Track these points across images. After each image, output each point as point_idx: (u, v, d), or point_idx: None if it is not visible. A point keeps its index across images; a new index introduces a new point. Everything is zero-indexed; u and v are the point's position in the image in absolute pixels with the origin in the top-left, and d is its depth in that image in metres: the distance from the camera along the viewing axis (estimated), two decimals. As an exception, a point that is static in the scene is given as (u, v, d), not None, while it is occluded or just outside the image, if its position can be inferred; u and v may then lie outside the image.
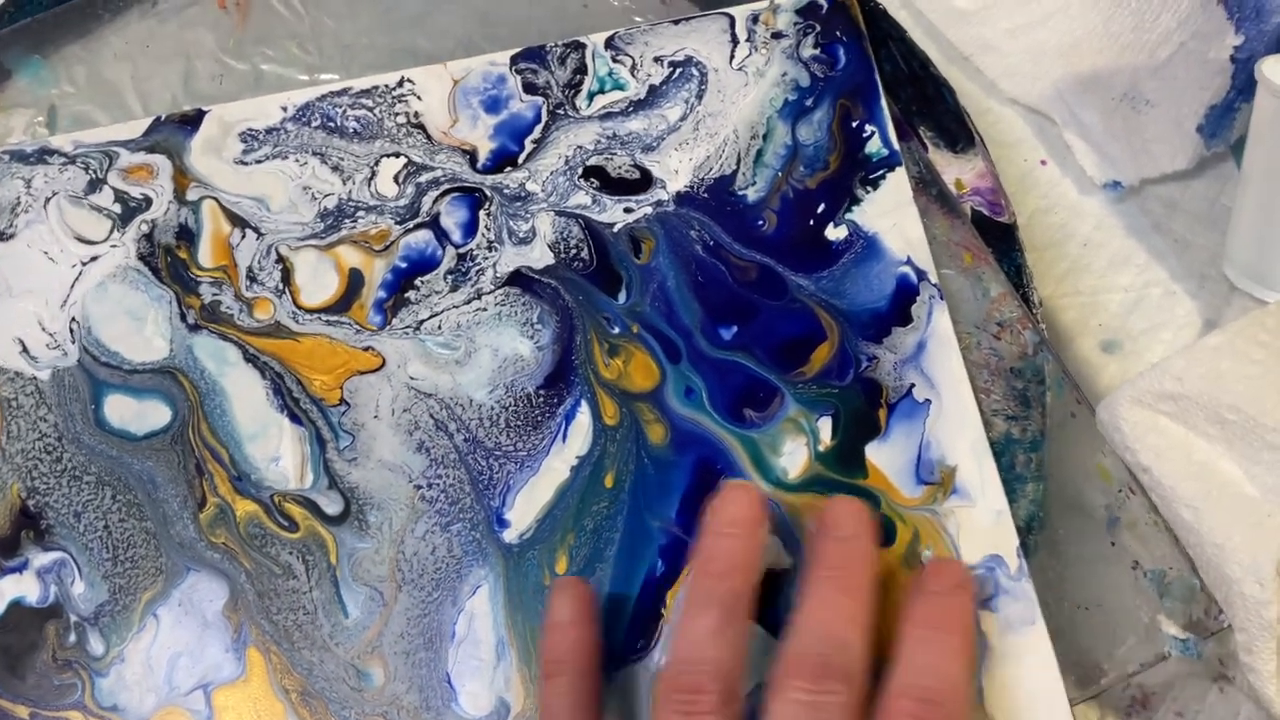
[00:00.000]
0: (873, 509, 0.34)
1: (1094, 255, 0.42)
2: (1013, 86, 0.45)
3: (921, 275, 0.37)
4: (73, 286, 0.39)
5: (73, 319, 0.39)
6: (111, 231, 0.40)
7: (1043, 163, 0.44)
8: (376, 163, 0.40)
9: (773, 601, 0.32)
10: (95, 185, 0.40)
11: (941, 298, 0.37)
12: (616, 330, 0.37)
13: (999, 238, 0.38)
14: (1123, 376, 0.40)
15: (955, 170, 0.39)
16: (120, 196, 0.40)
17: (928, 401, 0.36)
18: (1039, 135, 0.44)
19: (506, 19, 0.43)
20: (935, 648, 0.30)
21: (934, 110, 0.40)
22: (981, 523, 0.34)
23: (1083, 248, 0.43)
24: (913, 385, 0.36)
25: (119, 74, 0.43)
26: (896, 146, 0.39)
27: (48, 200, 0.40)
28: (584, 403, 0.37)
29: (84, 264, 0.39)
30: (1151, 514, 0.34)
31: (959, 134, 0.40)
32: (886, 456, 0.35)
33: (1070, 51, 0.45)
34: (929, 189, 0.38)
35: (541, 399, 0.37)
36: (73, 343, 0.38)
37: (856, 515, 0.32)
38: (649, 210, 0.39)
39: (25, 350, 0.38)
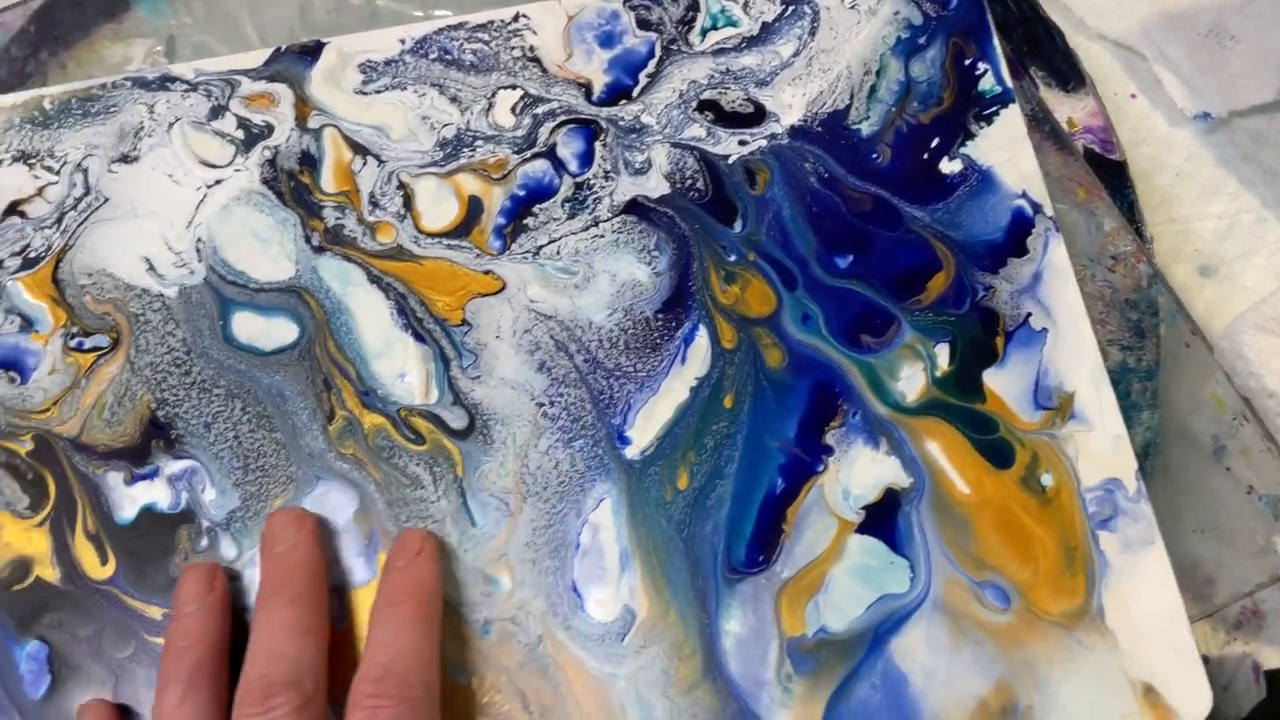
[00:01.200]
0: (307, 512, 0.35)
1: (1185, 185, 0.43)
2: (1100, 23, 0.45)
3: (1037, 208, 0.38)
4: (197, 208, 0.40)
5: (198, 239, 0.39)
6: (235, 156, 0.41)
7: (1133, 96, 0.45)
8: (493, 94, 0.41)
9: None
10: (217, 112, 0.41)
11: (1057, 229, 0.37)
12: (733, 258, 0.38)
13: (1111, 174, 0.39)
14: (1219, 299, 0.41)
15: (1067, 109, 0.40)
16: (243, 123, 0.41)
17: (1045, 330, 0.36)
18: (1128, 70, 0.45)
19: (617, -41, 0.44)
20: (389, 623, 0.32)
21: (1044, 51, 0.41)
22: (1100, 447, 0.35)
23: (1175, 178, 0.43)
24: (1029, 314, 0.37)
25: (236, 6, 0.44)
26: (1009, 83, 0.39)
27: (171, 125, 0.41)
28: (702, 326, 0.37)
29: (208, 187, 0.40)
30: (1266, 441, 0.35)
31: (1069, 74, 0.40)
32: (1004, 382, 0.36)
33: None
34: (1041, 126, 0.39)
35: (660, 323, 0.38)
36: (199, 261, 0.39)
37: (292, 524, 0.34)
38: (763, 143, 0.39)
39: (152, 268, 0.39)
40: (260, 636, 0.32)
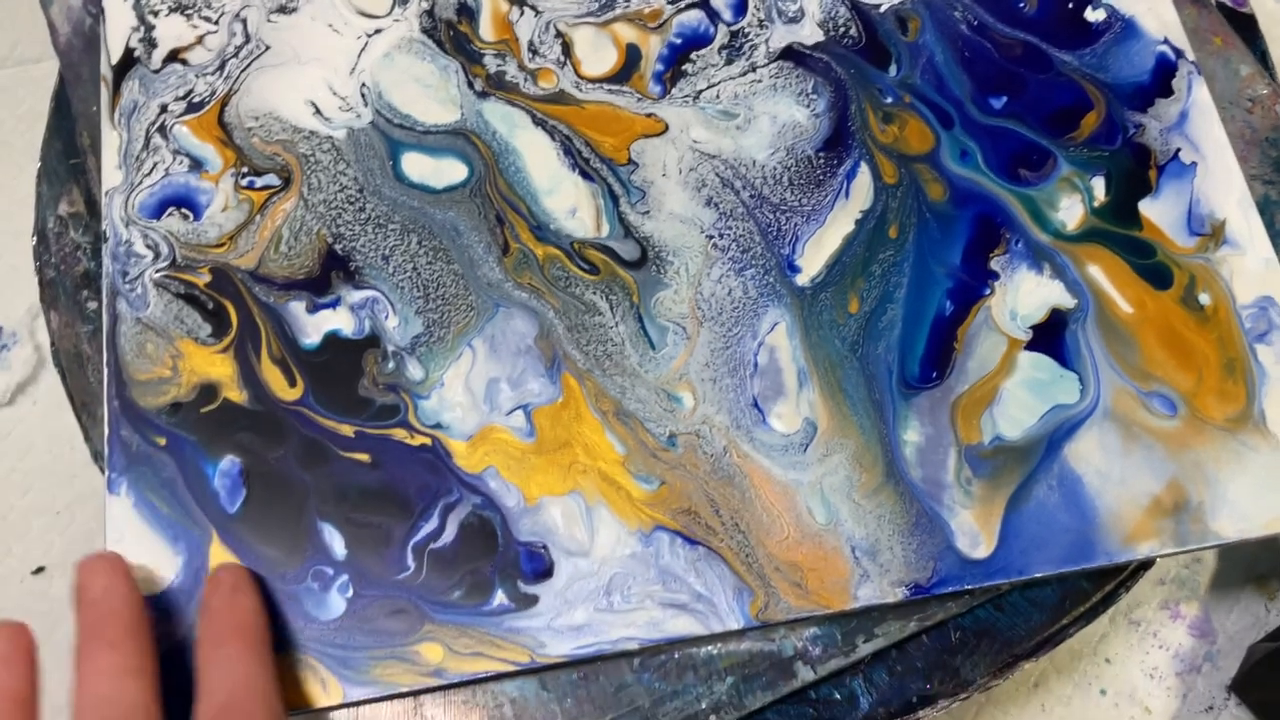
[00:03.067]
0: (117, 556, 0.34)
1: None
2: None
3: (1179, 53, 0.39)
4: (359, 56, 0.41)
5: (363, 84, 0.40)
6: (393, 7, 0.41)
7: None
8: (645, -52, 0.42)
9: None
10: (372, -35, 0.42)
11: (1199, 72, 0.39)
12: (889, 100, 0.39)
13: (1243, 27, 0.40)
14: None
15: (1201, -34, 0.42)
16: (398, -25, 0.42)
17: (1194, 164, 0.38)
18: None
19: None
20: (219, 665, 0.31)
21: (1177, -89, 0.42)
22: (1252, 268, 0.36)
23: None
24: (1179, 149, 0.38)
25: None
26: (1148, -61, 0.41)
27: (327, -22, 0.42)
28: (863, 163, 0.39)
29: (369, 36, 0.41)
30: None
31: (1203, -67, 0.42)
32: (1159, 211, 0.37)
33: None
34: (1178, -21, 0.41)
35: (822, 160, 0.39)
36: (365, 106, 0.40)
37: (103, 569, 0.32)
38: (912, -6, 0.41)
39: (319, 112, 0.40)
40: (84, 684, 0.30)
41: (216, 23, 0.41)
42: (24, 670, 0.30)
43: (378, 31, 0.41)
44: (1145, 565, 0.35)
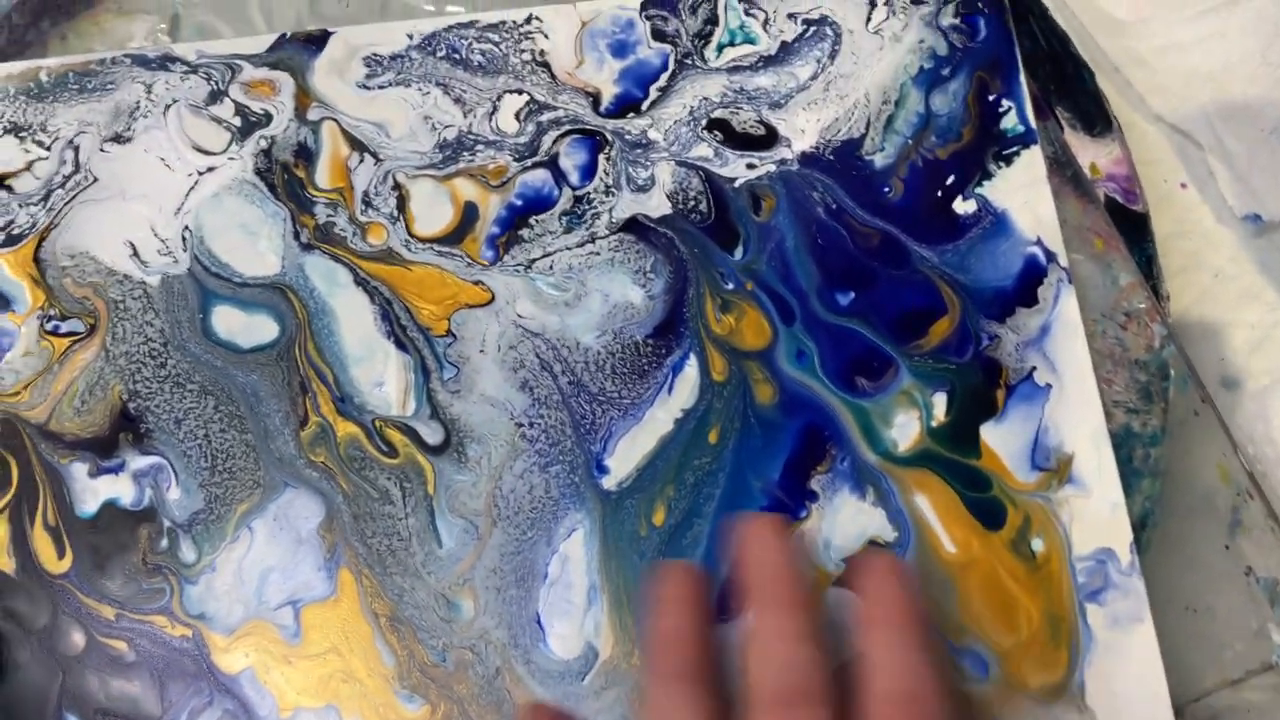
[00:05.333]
0: (778, 518, 0.33)
1: (1224, 288, 0.41)
2: (1160, 104, 0.44)
3: (1051, 257, 0.36)
4: (188, 195, 0.39)
5: (185, 227, 0.38)
6: (230, 144, 0.39)
7: (1183, 186, 0.43)
8: (499, 98, 0.39)
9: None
10: (216, 96, 0.40)
11: (1070, 281, 0.36)
12: (730, 286, 0.37)
13: (1132, 226, 0.37)
14: (1238, 415, 0.39)
15: (1091, 154, 0.38)
16: (241, 110, 0.40)
17: (1048, 386, 0.35)
18: (1181, 157, 0.43)
19: (638, -36, 0.42)
20: (898, 648, 0.28)
21: (1072, 91, 0.39)
22: (1096, 514, 0.33)
23: (1213, 278, 0.41)
24: (1034, 368, 0.35)
25: (245, -12, 0.43)
26: (1033, 124, 0.38)
27: (168, 107, 0.40)
28: (693, 356, 0.36)
29: (200, 174, 0.39)
30: (1270, 520, 0.33)
31: (1097, 117, 0.39)
32: (1002, 438, 0.34)
33: (1223, 75, 0.44)
34: (1063, 170, 0.37)
35: (649, 348, 0.36)
36: (184, 250, 0.38)
37: (772, 531, 0.30)
38: (772, 168, 0.38)
39: (136, 254, 0.38)
40: (763, 644, 0.28)
41: (49, 148, 0.40)
42: (705, 617, 0.30)
43: (210, 169, 0.39)
44: None
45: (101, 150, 0.39)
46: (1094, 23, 0.45)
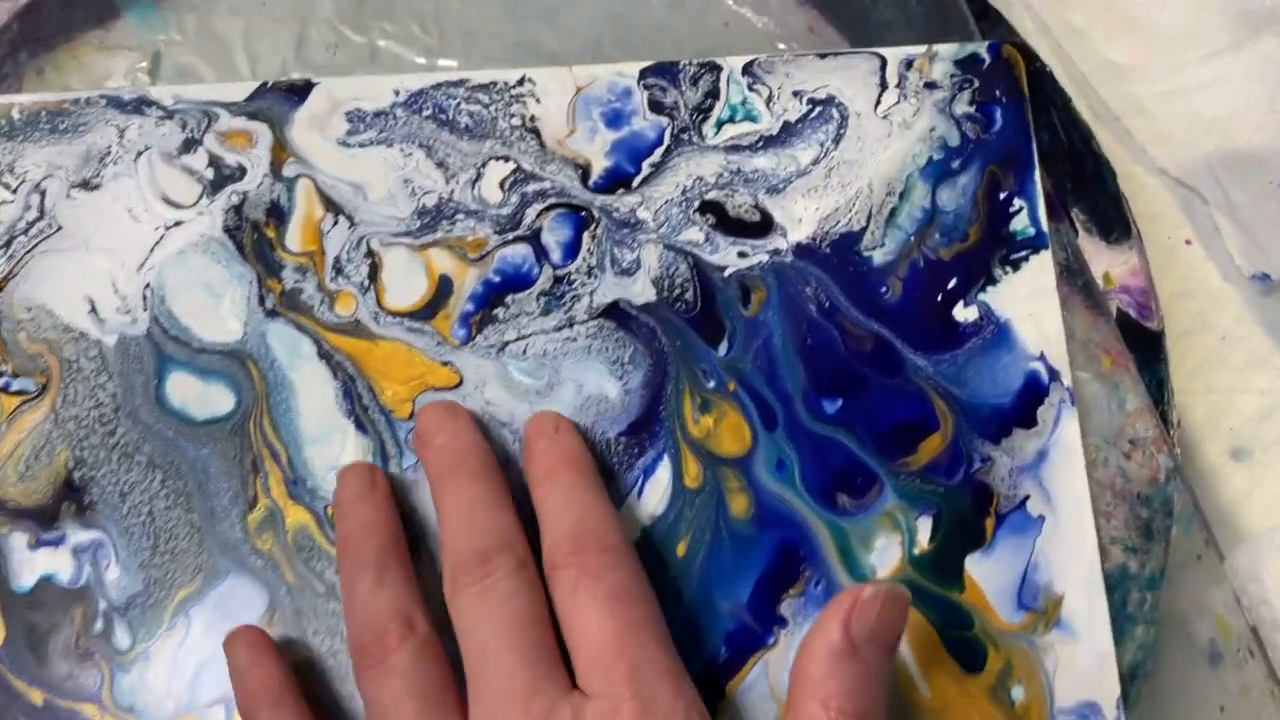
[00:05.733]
0: (457, 404, 0.34)
1: (1231, 350, 0.39)
2: (1163, 155, 0.41)
3: (1054, 375, 0.34)
4: (152, 250, 0.37)
5: (147, 285, 0.37)
6: (200, 197, 0.38)
7: (1187, 242, 0.40)
8: (484, 164, 0.37)
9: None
10: (190, 145, 0.38)
11: (1072, 403, 0.33)
12: (712, 384, 0.35)
13: (1144, 345, 0.35)
14: (1250, 489, 0.36)
15: (1105, 262, 0.36)
16: (215, 161, 0.38)
17: (1041, 518, 0.32)
18: (1185, 211, 0.41)
19: (640, 24, 0.40)
20: (557, 491, 0.31)
21: (1090, 191, 0.37)
22: (1083, 664, 0.31)
23: (1220, 341, 0.39)
24: (1027, 497, 0.33)
25: (230, 29, 0.41)
26: (1045, 227, 0.35)
27: (139, 154, 0.38)
28: (666, 458, 0.34)
29: (167, 228, 0.37)
30: (1270, 681, 0.31)
31: (1115, 221, 0.36)
32: (988, 572, 0.32)
33: (1228, 123, 0.41)
34: (1074, 279, 0.35)
35: (621, 447, 0.34)
36: (144, 310, 0.36)
37: (446, 414, 0.33)
38: (764, 258, 0.36)
39: (94, 310, 0.37)
40: (452, 517, 0.30)
41: (15, 191, 0.38)
42: (390, 508, 0.32)
43: (178, 224, 0.37)
44: None
45: (68, 196, 0.38)
46: (1094, 69, 0.43)
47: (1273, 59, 0.42)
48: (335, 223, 0.37)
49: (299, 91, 0.39)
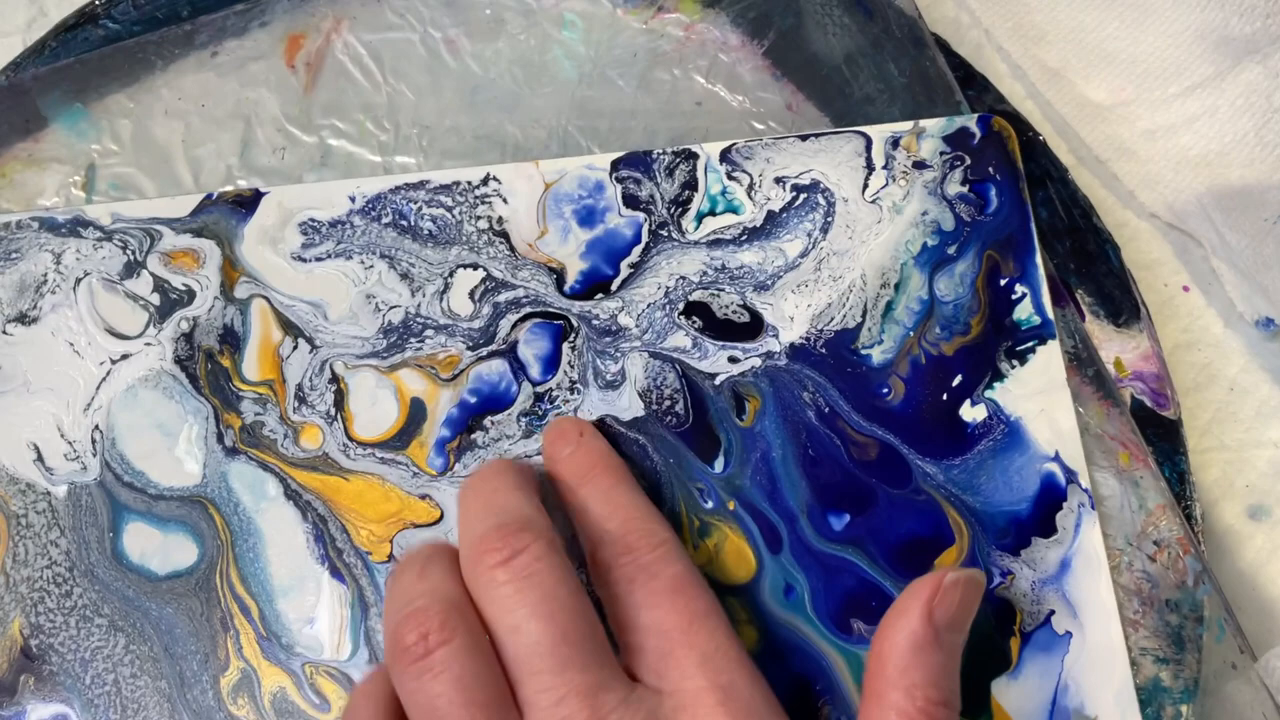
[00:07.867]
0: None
1: (1241, 402, 0.37)
2: (1153, 199, 0.39)
3: (1071, 476, 0.32)
4: (99, 388, 0.35)
5: (96, 426, 0.34)
6: (147, 326, 0.35)
7: (1185, 289, 0.39)
8: (451, 274, 0.35)
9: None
10: (133, 269, 0.35)
11: (1093, 507, 0.32)
12: (710, 505, 0.32)
13: (1161, 435, 0.33)
14: (1272, 551, 0.35)
15: (1115, 347, 0.34)
16: (160, 285, 0.35)
17: (1069, 634, 0.31)
18: (1181, 256, 0.39)
19: (607, 108, 0.38)
20: (595, 497, 0.30)
21: (1095, 270, 0.35)
22: (1121, 794, 0.29)
23: (1229, 393, 0.37)
24: (1052, 612, 0.31)
25: (169, 134, 0.38)
26: (1051, 314, 0.34)
27: (78, 281, 0.35)
28: (667, 589, 0.31)
29: (113, 362, 0.35)
30: (1319, 800, 0.29)
31: (1123, 303, 0.34)
32: (1016, 697, 0.30)
33: (1218, 160, 0.40)
34: (1084, 368, 0.33)
35: (618, 579, 0.32)
36: (94, 455, 0.34)
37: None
38: (757, 362, 0.34)
39: (40, 459, 0.34)
40: (471, 502, 0.30)
41: (-55, 328, 0.35)
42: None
43: (125, 357, 0.35)
44: None
45: (4, 333, 0.35)
46: (1073, 110, 0.41)
47: (1258, 88, 0.40)
48: (295, 347, 0.35)
49: (247, 203, 0.36)
